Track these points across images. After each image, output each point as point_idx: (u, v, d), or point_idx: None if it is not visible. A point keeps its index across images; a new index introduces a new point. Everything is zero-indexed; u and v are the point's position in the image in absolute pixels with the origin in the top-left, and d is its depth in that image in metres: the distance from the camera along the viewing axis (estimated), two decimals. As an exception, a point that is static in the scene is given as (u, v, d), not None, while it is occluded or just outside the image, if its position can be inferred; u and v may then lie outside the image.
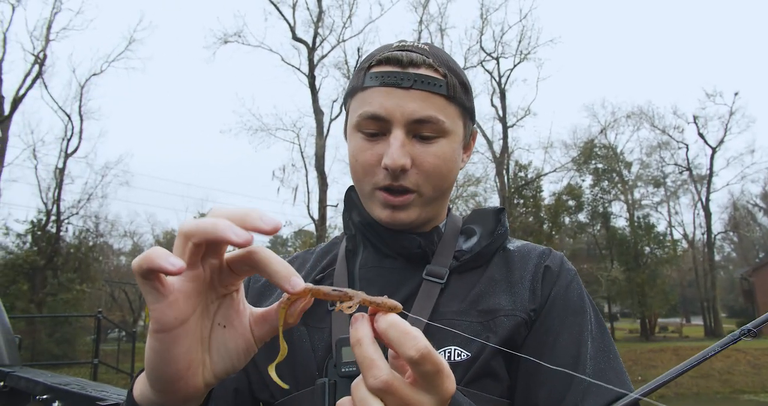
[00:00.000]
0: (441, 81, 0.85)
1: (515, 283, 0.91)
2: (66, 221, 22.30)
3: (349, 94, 0.92)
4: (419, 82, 0.84)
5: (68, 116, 22.29)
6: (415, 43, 0.90)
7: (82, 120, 22.47)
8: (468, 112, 0.92)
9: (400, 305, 0.50)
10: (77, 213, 22.97)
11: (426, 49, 0.89)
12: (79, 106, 22.46)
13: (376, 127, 0.85)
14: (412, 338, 0.46)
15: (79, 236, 22.90)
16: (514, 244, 1.00)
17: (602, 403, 0.79)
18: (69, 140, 22.25)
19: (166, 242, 36.94)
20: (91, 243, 23.04)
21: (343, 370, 0.76)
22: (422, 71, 0.85)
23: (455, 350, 0.83)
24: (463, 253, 0.93)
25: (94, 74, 22.92)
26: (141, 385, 0.58)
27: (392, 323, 0.48)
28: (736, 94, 31.85)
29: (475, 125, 0.98)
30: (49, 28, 21.54)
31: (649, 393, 0.76)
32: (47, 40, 21.50)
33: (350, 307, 0.51)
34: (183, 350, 0.51)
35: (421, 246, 0.90)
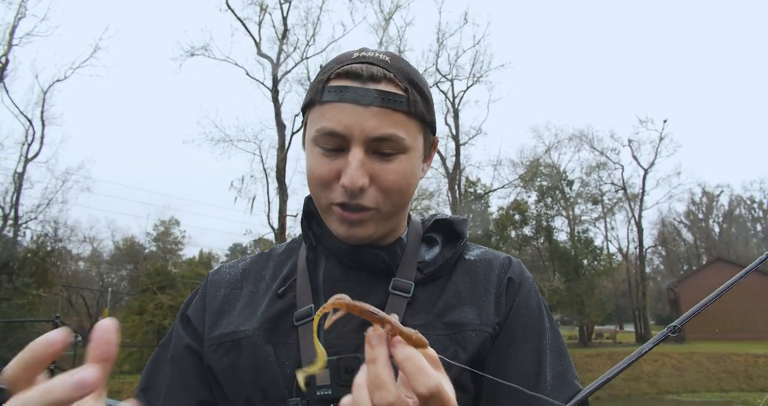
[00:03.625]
0: (402, 97, 0.81)
1: (480, 296, 0.89)
2: (24, 226, 21.48)
3: (308, 106, 0.87)
4: (379, 99, 0.79)
5: (29, 121, 21.62)
6: (377, 53, 0.85)
7: (44, 125, 21.87)
8: (429, 126, 0.88)
9: (427, 343, 0.50)
10: (36, 218, 22.20)
11: (387, 61, 0.84)
12: (41, 112, 21.82)
13: (334, 144, 0.81)
14: (426, 375, 0.46)
15: (37, 240, 22.02)
16: (473, 252, 0.97)
17: None
18: (30, 145, 21.59)
19: (126, 248, 35.68)
20: (49, 248, 21.96)
21: (318, 393, 0.74)
22: (382, 87, 0.80)
23: None
24: (426, 264, 0.91)
25: (58, 80, 22.35)
26: None
27: (409, 356, 0.48)
28: (665, 121, 33.91)
29: (436, 134, 0.94)
30: (12, 33, 20.87)
31: (589, 395, 0.78)
32: (10, 45, 20.85)
33: (379, 332, 0.49)
34: None
35: (385, 261, 0.87)
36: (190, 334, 0.91)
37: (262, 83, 21.76)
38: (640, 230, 32.95)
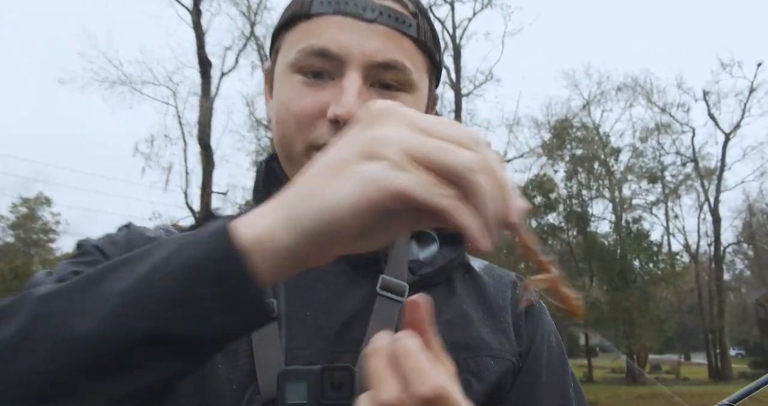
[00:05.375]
0: (410, 19, 0.87)
1: (495, 315, 0.95)
2: None
3: (285, 27, 0.90)
4: (386, 16, 0.85)
5: None
6: None
7: None
8: (436, 69, 0.96)
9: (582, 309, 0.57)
10: None
11: None
12: None
13: (324, 67, 0.85)
14: (427, 374, 0.52)
15: None
16: (476, 263, 1.03)
17: None
18: None
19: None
20: None
21: None
22: (389, 3, 0.86)
23: None
24: (420, 264, 0.95)
25: None
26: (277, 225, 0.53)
27: (408, 352, 0.54)
28: (759, 65, 32.88)
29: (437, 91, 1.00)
30: None
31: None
32: None
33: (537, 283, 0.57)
34: None
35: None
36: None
37: (178, 0, 22.18)
38: (716, 221, 33.72)
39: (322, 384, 0.76)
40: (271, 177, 0.98)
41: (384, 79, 0.86)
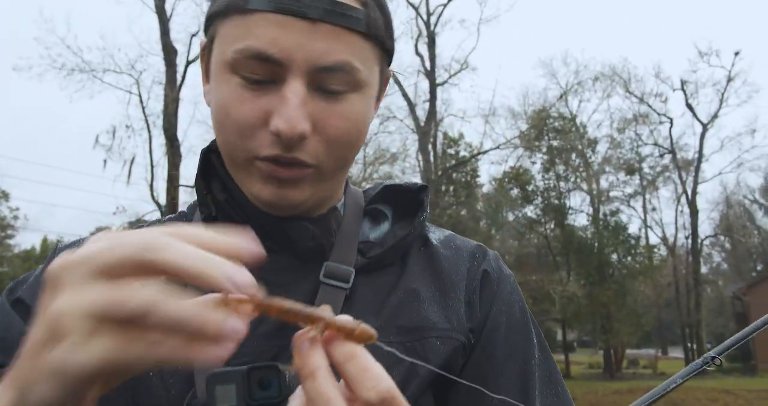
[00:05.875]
0: (359, 12, 0.82)
1: (447, 291, 0.94)
2: None
3: (220, 15, 0.84)
4: (331, 13, 0.80)
5: None
6: None
7: None
8: (387, 55, 0.92)
9: (375, 334, 0.55)
10: None
11: None
12: None
13: (262, 73, 0.80)
14: (374, 377, 0.52)
15: None
16: (435, 234, 1.02)
17: None
18: None
19: None
20: None
21: None
22: None
23: None
24: (370, 245, 0.94)
25: None
26: None
27: (351, 354, 0.53)
28: (736, 53, 33.50)
29: (390, 67, 0.97)
30: None
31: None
32: None
33: (310, 334, 0.54)
34: None
35: (315, 237, 0.90)
36: (25, 320, 0.90)
37: None
38: (694, 213, 33.79)
39: (249, 385, 0.75)
40: (208, 171, 0.95)
41: (330, 84, 0.82)
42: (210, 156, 0.96)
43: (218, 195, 0.93)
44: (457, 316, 0.92)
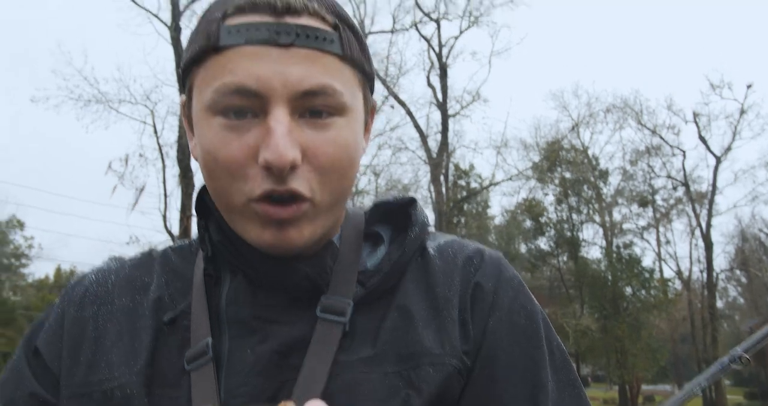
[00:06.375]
0: (332, 34, 0.81)
1: (440, 309, 0.89)
2: None
3: (194, 62, 0.83)
4: (303, 37, 0.79)
5: None
6: None
7: None
8: (368, 79, 0.90)
9: None
10: None
11: None
12: None
13: (244, 105, 0.79)
14: None
15: None
16: (434, 242, 0.98)
17: None
18: None
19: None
20: None
21: None
22: (304, 21, 0.80)
23: None
24: (368, 274, 0.90)
25: None
26: None
27: None
28: (749, 86, 32.46)
29: (374, 96, 0.96)
30: None
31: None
32: None
33: None
34: None
35: (309, 277, 0.87)
36: (38, 375, 0.92)
37: (156, 16, 21.45)
38: (708, 246, 32.48)
39: None
40: (204, 211, 0.94)
41: (314, 107, 0.81)
42: (204, 197, 0.94)
43: (214, 235, 0.92)
44: (450, 338, 0.88)
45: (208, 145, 0.81)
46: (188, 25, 21.86)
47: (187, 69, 0.86)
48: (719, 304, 40.64)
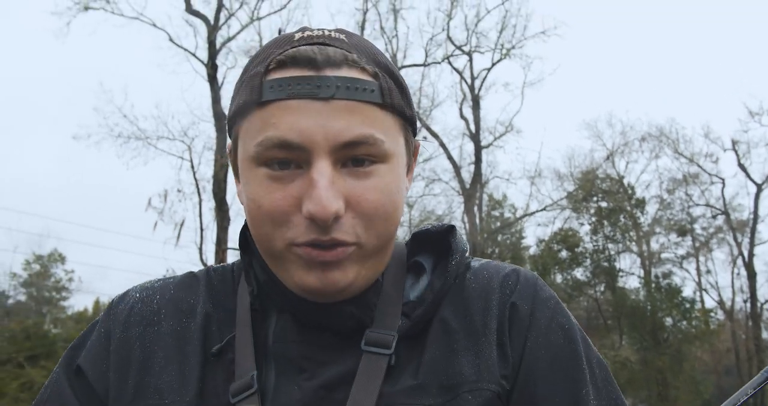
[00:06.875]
0: (372, 84, 0.83)
1: (478, 335, 0.89)
2: None
3: (239, 114, 0.85)
4: (343, 89, 0.81)
5: None
6: (326, 31, 0.87)
7: None
8: (410, 123, 0.91)
9: None
10: None
11: (343, 40, 0.86)
12: None
13: (287, 157, 0.81)
14: None
15: None
16: (472, 267, 0.99)
17: None
18: None
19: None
20: None
21: None
22: (344, 73, 0.82)
23: None
24: (412, 306, 0.92)
25: None
26: None
27: None
28: None
29: (417, 137, 0.97)
30: None
31: None
32: None
33: None
34: None
35: (354, 317, 0.89)
36: (81, 394, 0.92)
37: (194, 54, 22.04)
38: (751, 276, 32.26)
39: None
40: (248, 249, 0.97)
41: (356, 156, 0.83)
42: (247, 234, 0.97)
43: (259, 275, 0.94)
44: (488, 363, 0.88)
45: (253, 194, 0.84)
46: (224, 63, 22.30)
47: (232, 119, 0.89)
48: (764, 335, 39.38)
